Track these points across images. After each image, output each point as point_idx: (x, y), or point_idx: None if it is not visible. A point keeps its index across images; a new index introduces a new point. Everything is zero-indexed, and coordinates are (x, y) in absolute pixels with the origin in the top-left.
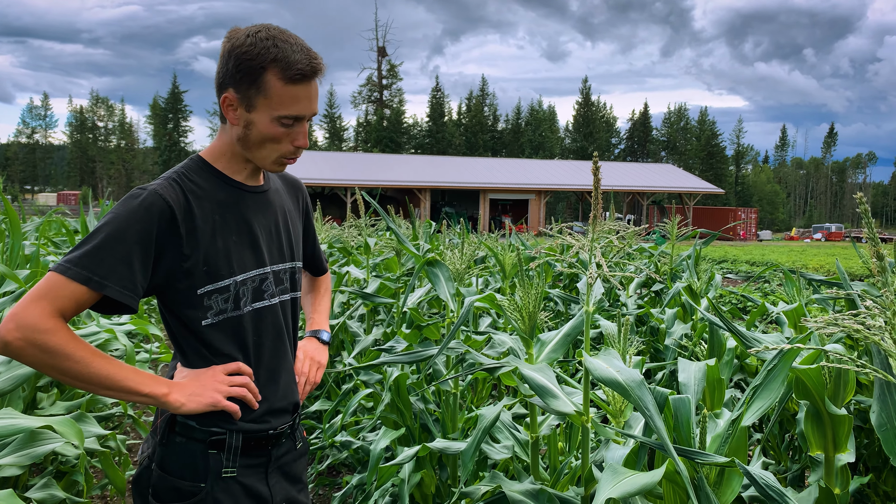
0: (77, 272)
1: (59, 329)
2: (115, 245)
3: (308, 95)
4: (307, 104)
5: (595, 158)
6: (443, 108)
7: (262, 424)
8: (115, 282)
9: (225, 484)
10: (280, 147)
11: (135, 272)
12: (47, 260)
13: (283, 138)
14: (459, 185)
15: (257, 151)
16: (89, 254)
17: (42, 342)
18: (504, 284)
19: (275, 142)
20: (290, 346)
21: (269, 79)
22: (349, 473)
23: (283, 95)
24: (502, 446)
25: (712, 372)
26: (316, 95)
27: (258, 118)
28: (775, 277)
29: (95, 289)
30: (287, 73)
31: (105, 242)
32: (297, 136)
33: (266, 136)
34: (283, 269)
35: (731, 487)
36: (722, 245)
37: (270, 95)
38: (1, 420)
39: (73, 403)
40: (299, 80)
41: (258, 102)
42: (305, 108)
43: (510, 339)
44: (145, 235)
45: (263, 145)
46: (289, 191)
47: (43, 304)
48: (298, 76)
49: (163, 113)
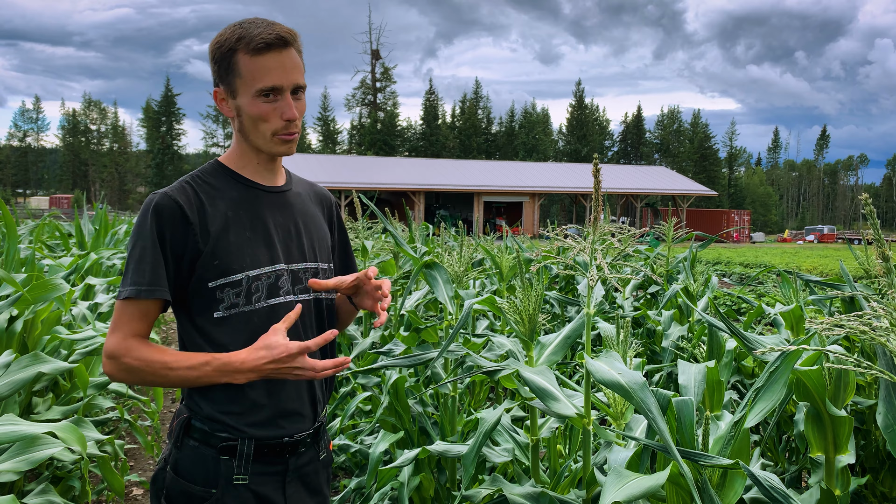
0: (128, 291)
1: (132, 349)
2: (144, 254)
3: (280, 65)
4: (280, 73)
5: (596, 160)
6: (437, 111)
7: (276, 430)
8: (161, 284)
9: (236, 491)
10: (271, 124)
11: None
12: (42, 263)
13: (271, 114)
14: (454, 187)
15: (255, 136)
16: (130, 271)
17: (125, 365)
18: (501, 287)
19: (264, 120)
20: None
21: (239, 58)
22: (347, 477)
23: (252, 69)
24: (502, 449)
25: (712, 374)
26: (293, 67)
27: (242, 101)
28: (769, 279)
29: (147, 297)
30: (250, 46)
31: (136, 255)
32: (283, 110)
33: (254, 115)
34: (302, 268)
35: (734, 489)
36: (715, 247)
37: (243, 73)
38: (3, 426)
39: (70, 408)
40: (264, 50)
41: (237, 85)
42: (279, 77)
43: (509, 341)
44: (160, 236)
45: (256, 127)
46: (315, 199)
47: (116, 334)
48: (262, 45)
49: (156, 116)
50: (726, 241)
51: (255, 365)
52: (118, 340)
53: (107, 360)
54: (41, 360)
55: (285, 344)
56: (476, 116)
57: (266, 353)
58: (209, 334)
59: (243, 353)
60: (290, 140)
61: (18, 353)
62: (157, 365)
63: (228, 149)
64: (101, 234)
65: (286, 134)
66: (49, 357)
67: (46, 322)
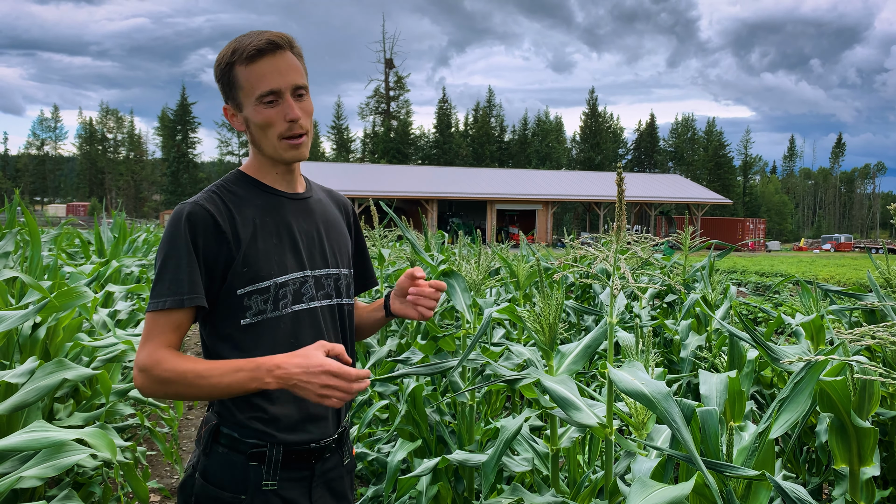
0: (159, 303)
1: (164, 360)
2: (176, 263)
3: (274, 69)
4: (276, 76)
5: (619, 170)
6: (450, 120)
7: (303, 435)
8: (198, 291)
9: (265, 497)
10: (276, 128)
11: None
12: (63, 271)
13: (275, 118)
14: (467, 195)
15: (265, 144)
16: (161, 282)
17: (156, 376)
18: (518, 295)
19: (269, 125)
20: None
21: (237, 71)
22: (363, 486)
23: (249, 77)
24: (522, 458)
25: (734, 384)
26: (288, 68)
27: (248, 112)
28: (785, 288)
29: (179, 306)
30: (243, 56)
31: (172, 265)
32: (286, 111)
33: (259, 123)
34: (325, 274)
35: (759, 500)
36: (731, 256)
37: (243, 84)
38: (34, 433)
39: (91, 415)
40: (256, 57)
41: (240, 97)
42: (275, 80)
43: (528, 350)
44: (194, 245)
45: (265, 134)
46: (335, 205)
47: (148, 346)
48: (253, 52)
49: (171, 124)
50: (742, 250)
51: (287, 372)
52: (150, 352)
53: (138, 374)
54: (66, 366)
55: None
56: (489, 124)
57: (302, 361)
58: (235, 341)
59: (279, 358)
60: (297, 144)
61: (41, 359)
62: (189, 375)
63: (248, 160)
64: (119, 242)
65: (292, 136)
66: (73, 364)
67: (68, 329)
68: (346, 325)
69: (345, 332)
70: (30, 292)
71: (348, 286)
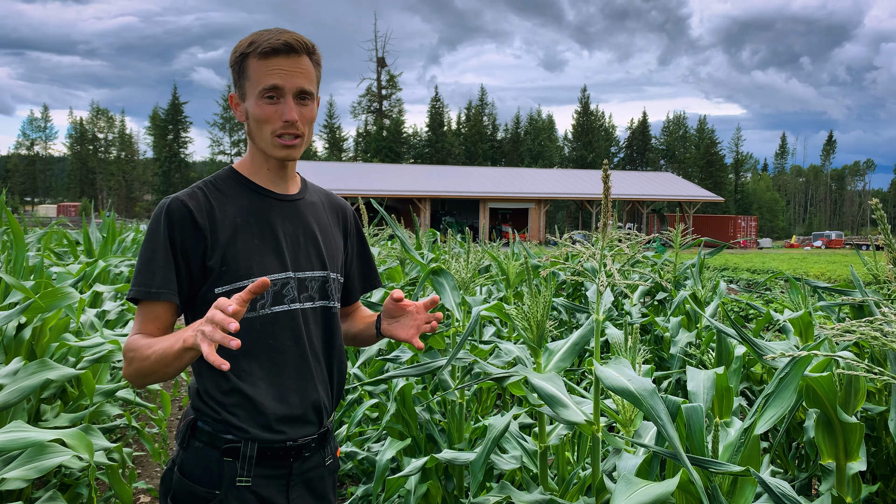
0: (133, 292)
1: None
2: (154, 256)
3: (284, 69)
4: (283, 75)
5: (605, 166)
6: (442, 118)
7: (278, 434)
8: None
9: (239, 493)
10: (271, 125)
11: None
12: (50, 271)
13: (272, 115)
14: (459, 194)
15: (259, 138)
16: (136, 273)
17: (127, 359)
18: (508, 293)
19: (265, 121)
20: (310, 354)
21: (249, 62)
22: (354, 485)
23: (258, 70)
24: (510, 456)
25: (721, 380)
26: (299, 71)
27: (249, 103)
28: (776, 285)
29: (153, 299)
30: (259, 50)
31: (146, 257)
32: (284, 111)
33: (257, 116)
34: (309, 276)
35: (745, 497)
36: (723, 253)
37: (251, 76)
38: (11, 433)
39: (77, 415)
40: (270, 54)
41: (246, 88)
42: (281, 78)
43: (517, 348)
44: (171, 240)
45: (260, 128)
46: (330, 208)
47: (131, 333)
48: (268, 49)
49: (163, 124)
50: (733, 248)
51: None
52: (126, 340)
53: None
54: (48, 366)
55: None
56: (481, 123)
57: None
58: None
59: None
60: (289, 145)
61: (27, 360)
62: (144, 350)
63: (243, 155)
64: (108, 242)
65: (286, 137)
66: (56, 364)
67: (55, 329)
68: (333, 328)
69: (331, 334)
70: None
71: (338, 289)
